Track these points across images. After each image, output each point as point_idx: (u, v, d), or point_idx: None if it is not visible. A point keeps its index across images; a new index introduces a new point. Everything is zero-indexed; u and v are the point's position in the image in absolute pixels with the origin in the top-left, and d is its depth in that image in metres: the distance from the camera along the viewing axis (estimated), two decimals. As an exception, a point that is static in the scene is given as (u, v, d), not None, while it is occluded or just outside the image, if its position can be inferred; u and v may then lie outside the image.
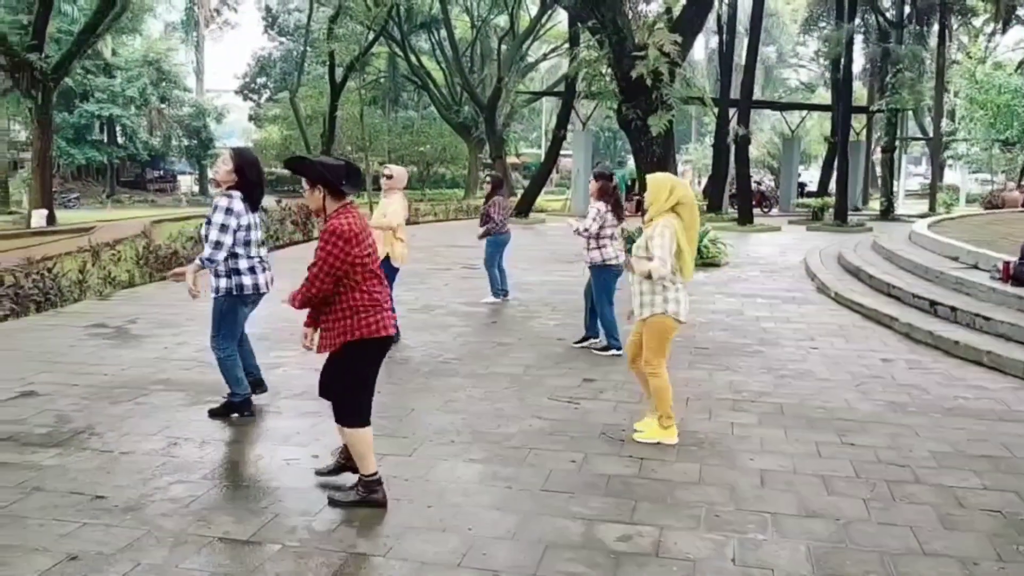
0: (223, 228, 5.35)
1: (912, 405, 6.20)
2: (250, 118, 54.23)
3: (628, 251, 7.59)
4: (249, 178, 5.50)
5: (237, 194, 5.46)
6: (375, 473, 4.23)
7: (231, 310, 5.58)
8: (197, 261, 5.45)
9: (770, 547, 3.86)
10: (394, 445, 4.96)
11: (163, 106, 46.87)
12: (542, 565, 3.66)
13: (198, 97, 51.21)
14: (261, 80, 52.46)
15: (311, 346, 4.31)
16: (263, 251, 5.72)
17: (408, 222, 8.47)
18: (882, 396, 6.43)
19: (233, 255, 5.48)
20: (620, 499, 4.37)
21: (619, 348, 7.58)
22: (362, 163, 40.02)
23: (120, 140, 45.78)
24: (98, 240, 15.76)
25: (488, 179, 11.71)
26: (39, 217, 24.10)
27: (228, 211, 5.38)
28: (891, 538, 3.97)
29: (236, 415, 5.68)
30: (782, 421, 5.76)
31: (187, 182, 51.85)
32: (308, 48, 39.40)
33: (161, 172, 51.34)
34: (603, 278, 7.61)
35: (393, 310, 4.49)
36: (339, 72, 35.43)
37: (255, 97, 53.13)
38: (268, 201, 5.76)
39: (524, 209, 25.32)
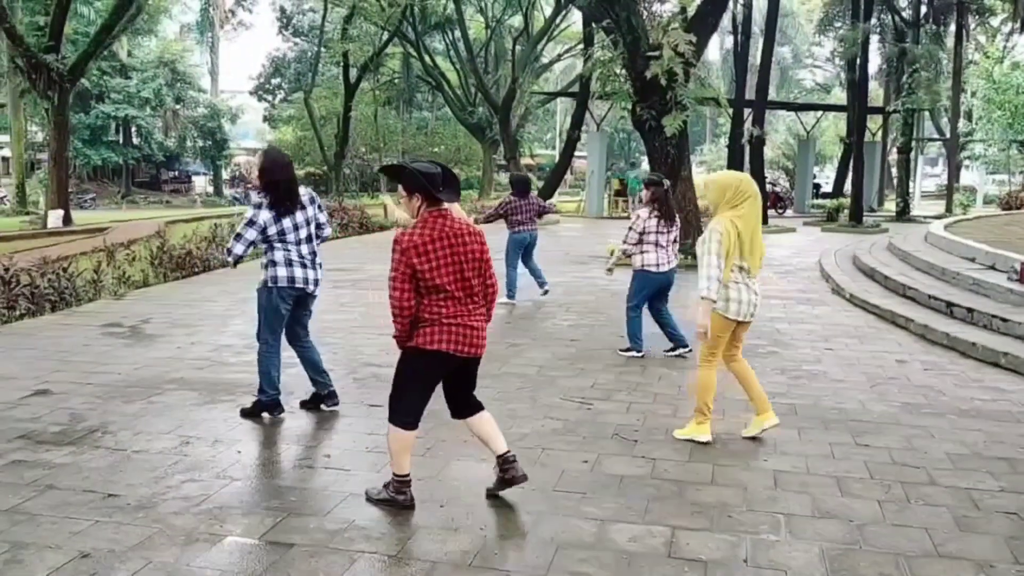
0: (237, 236, 5.45)
1: (928, 407, 6.14)
2: (264, 119, 54.55)
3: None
4: (271, 179, 5.46)
5: (264, 201, 5.48)
6: (406, 475, 4.22)
7: (268, 303, 5.56)
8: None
9: (783, 548, 3.84)
10: (406, 444, 4.94)
11: (178, 107, 47.26)
12: (554, 565, 3.64)
13: (213, 98, 51.62)
14: (275, 81, 52.73)
15: None
16: (310, 248, 5.61)
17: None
18: (897, 397, 6.38)
19: (269, 247, 5.50)
20: (632, 499, 4.35)
21: (639, 351, 7.56)
22: (376, 164, 40.26)
23: (135, 141, 46.20)
24: (113, 240, 15.90)
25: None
26: (55, 217, 24.28)
27: (250, 222, 5.43)
28: (906, 540, 3.93)
29: (267, 415, 5.69)
30: (796, 422, 5.72)
31: (201, 183, 52.18)
32: (322, 49, 39.58)
33: (176, 173, 51.76)
34: (638, 282, 7.53)
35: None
36: (353, 73, 35.61)
37: (269, 98, 53.42)
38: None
39: None
